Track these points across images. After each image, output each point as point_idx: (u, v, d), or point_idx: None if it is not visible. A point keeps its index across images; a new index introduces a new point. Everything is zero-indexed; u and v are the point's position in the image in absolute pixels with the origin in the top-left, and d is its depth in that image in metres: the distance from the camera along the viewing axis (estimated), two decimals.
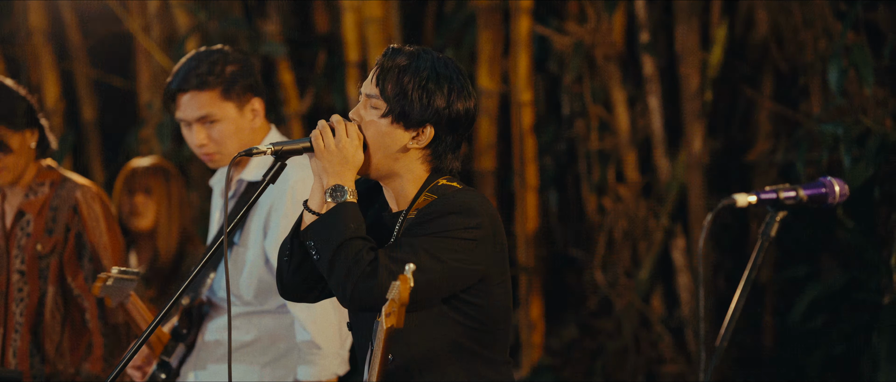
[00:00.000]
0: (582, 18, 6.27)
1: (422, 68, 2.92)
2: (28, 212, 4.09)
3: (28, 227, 4.08)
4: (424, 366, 2.91)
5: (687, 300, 5.99)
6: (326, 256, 2.85)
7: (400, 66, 2.93)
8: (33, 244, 4.06)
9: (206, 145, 3.91)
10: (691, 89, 5.84)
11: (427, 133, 2.93)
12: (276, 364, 3.97)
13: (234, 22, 6.27)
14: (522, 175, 6.18)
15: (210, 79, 3.90)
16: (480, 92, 6.30)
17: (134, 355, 2.85)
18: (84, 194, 4.09)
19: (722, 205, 2.50)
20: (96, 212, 4.08)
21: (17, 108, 4.01)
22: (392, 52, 2.97)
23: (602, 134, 6.26)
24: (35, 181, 4.11)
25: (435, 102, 2.91)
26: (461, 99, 2.95)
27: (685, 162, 5.91)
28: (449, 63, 2.97)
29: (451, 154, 2.99)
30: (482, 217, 2.90)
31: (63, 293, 4.10)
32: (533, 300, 6.23)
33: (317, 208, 2.93)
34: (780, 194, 2.60)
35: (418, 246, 2.85)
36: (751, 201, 2.53)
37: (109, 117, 7.38)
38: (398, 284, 2.67)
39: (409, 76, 2.91)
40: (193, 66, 3.94)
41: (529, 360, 6.20)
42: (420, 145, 2.94)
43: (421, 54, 2.95)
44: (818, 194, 2.63)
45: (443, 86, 2.92)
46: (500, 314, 2.98)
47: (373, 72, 2.98)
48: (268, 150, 2.91)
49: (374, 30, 6.06)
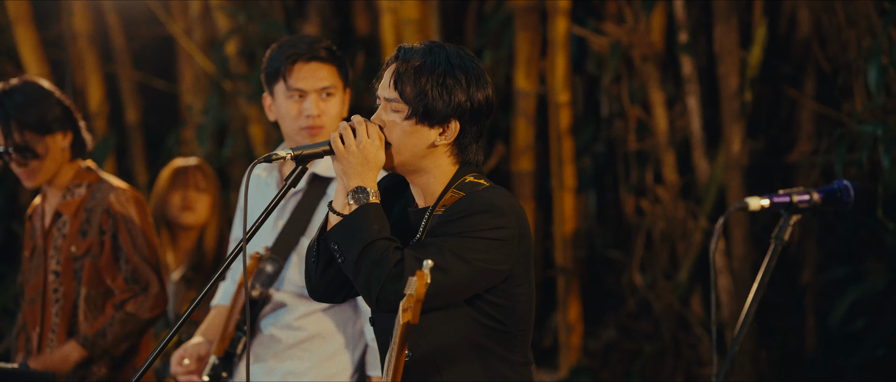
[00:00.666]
0: (621, 19, 6.24)
1: (437, 65, 2.92)
2: (64, 213, 4.14)
3: (64, 228, 4.13)
4: (442, 363, 2.91)
5: (727, 303, 5.94)
6: (351, 258, 2.86)
7: (415, 66, 2.93)
8: (68, 246, 4.10)
9: (321, 116, 3.96)
10: (730, 90, 5.79)
11: (453, 128, 2.95)
12: (332, 360, 4.01)
13: (273, 24, 6.31)
14: (560, 176, 6.16)
15: (335, 55, 4.01)
16: (518, 93, 6.29)
17: (157, 357, 2.88)
18: (118, 196, 4.12)
19: (733, 209, 2.48)
20: (131, 214, 4.11)
21: (45, 112, 4.07)
22: (404, 52, 2.97)
23: (641, 135, 6.22)
24: (73, 183, 4.16)
25: (456, 97, 2.93)
26: (480, 89, 2.96)
27: (724, 163, 5.85)
28: (462, 54, 2.98)
29: (475, 145, 3.00)
30: (509, 217, 2.90)
31: (102, 294, 4.13)
32: (571, 301, 6.20)
33: (340, 209, 2.94)
34: (794, 197, 2.57)
35: (444, 247, 2.86)
36: (763, 205, 2.50)
37: (153, 120, 7.47)
38: (415, 279, 2.67)
39: (426, 75, 2.92)
40: (316, 39, 4.04)
41: (567, 362, 6.18)
42: (447, 140, 2.95)
43: (433, 50, 2.96)
44: (833, 197, 2.59)
45: (460, 79, 2.93)
46: (521, 315, 2.97)
47: (388, 74, 2.98)
48: (288, 155, 2.93)
49: (412, 31, 6.07)
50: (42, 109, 4.06)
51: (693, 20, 6.10)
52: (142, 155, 7.32)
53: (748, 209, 2.52)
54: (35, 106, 4.07)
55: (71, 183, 4.16)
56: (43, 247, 4.17)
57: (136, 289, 4.09)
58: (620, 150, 6.30)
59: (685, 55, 6.01)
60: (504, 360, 2.95)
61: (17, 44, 6.64)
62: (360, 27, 7.02)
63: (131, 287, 4.08)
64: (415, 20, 6.08)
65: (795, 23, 6.09)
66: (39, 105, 4.07)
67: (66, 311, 4.10)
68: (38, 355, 4.12)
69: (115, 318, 4.06)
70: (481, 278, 2.89)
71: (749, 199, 2.54)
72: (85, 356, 4.06)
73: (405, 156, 2.96)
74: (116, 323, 4.06)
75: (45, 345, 4.12)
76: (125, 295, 4.07)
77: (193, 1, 6.91)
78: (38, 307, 4.13)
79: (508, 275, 2.93)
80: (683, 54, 6.02)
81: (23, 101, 4.06)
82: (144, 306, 4.09)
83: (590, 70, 6.38)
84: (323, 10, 7.01)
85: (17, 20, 6.61)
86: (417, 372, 2.91)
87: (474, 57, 3.00)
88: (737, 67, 5.81)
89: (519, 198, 6.36)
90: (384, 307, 2.88)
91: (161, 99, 7.50)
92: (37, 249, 4.19)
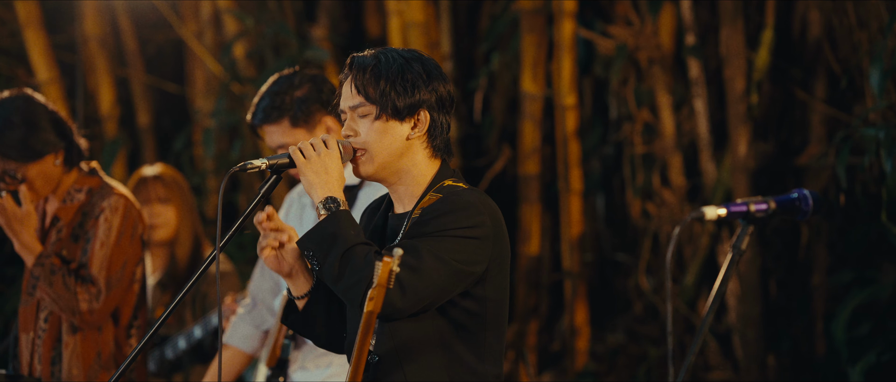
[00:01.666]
0: (629, 22, 6.22)
1: (392, 62, 2.98)
2: (62, 218, 4.11)
3: (60, 233, 4.11)
4: (406, 361, 2.92)
5: (734, 306, 5.90)
6: (330, 264, 2.86)
7: (371, 67, 2.98)
8: (60, 250, 4.07)
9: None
10: (736, 92, 5.76)
11: (423, 118, 3.00)
12: None
13: (280, 27, 6.32)
14: (567, 180, 6.14)
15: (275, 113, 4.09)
16: (524, 96, 6.28)
17: (131, 362, 2.89)
18: (110, 203, 4.08)
19: (690, 218, 2.46)
20: (112, 224, 4.06)
21: (29, 140, 3.96)
22: (357, 61, 3.01)
23: (648, 138, 6.20)
24: (73, 187, 4.12)
25: (418, 87, 2.98)
26: (439, 79, 3.01)
27: (730, 166, 5.82)
28: (413, 52, 3.03)
29: (445, 136, 3.04)
30: (484, 216, 2.93)
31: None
32: (578, 305, 6.18)
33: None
34: (751, 206, 2.55)
35: (421, 248, 2.87)
36: (720, 214, 2.48)
37: (165, 123, 7.50)
38: (380, 264, 2.68)
39: (384, 73, 2.96)
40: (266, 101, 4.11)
41: (574, 366, 6.16)
42: (421, 131, 2.99)
43: (385, 52, 3.01)
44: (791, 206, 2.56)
45: (418, 71, 2.99)
46: (491, 319, 2.97)
47: (347, 85, 3.02)
48: (263, 164, 2.96)
49: (417, 34, 6.07)
50: (25, 136, 3.96)
51: (701, 23, 6.07)
52: (153, 158, 7.34)
53: (705, 219, 2.49)
54: (17, 134, 3.96)
55: (71, 188, 4.12)
56: None
57: (89, 283, 4.01)
58: (627, 153, 6.27)
59: (692, 58, 5.98)
60: (469, 365, 2.95)
61: (28, 47, 6.69)
62: (372, 29, 7.03)
63: (87, 278, 4.01)
64: (420, 23, 6.08)
65: (807, 24, 6.04)
66: (22, 132, 3.96)
67: (55, 317, 4.07)
68: (29, 361, 4.10)
69: (69, 278, 3.96)
70: (457, 278, 2.90)
71: (705, 208, 2.52)
72: (30, 262, 3.99)
73: (383, 156, 2.98)
74: (63, 283, 3.96)
75: (34, 350, 4.08)
76: (84, 281, 4.02)
77: (204, 4, 6.94)
78: (32, 310, 4.12)
79: (481, 278, 2.93)
80: (690, 57, 5.99)
81: (4, 128, 3.96)
82: (85, 304, 3.98)
83: (597, 73, 6.36)
84: (332, 12, 7.02)
85: (28, 24, 6.66)
86: (381, 370, 2.92)
87: (427, 55, 3.06)
88: (743, 70, 5.78)
89: (525, 201, 6.35)
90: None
91: (173, 102, 7.54)
92: None
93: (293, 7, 6.80)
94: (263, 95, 4.11)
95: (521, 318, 6.42)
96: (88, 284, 4.00)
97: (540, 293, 6.47)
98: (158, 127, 7.43)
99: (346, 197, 3.96)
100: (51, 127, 4.02)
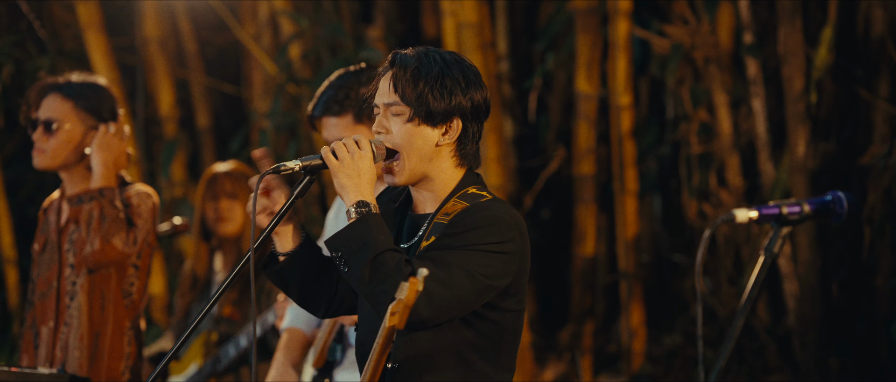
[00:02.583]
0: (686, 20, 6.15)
1: (433, 65, 2.96)
2: (73, 217, 4.14)
3: (74, 235, 4.13)
4: (424, 367, 2.92)
5: (793, 308, 5.81)
6: (358, 269, 2.86)
7: (412, 69, 2.96)
8: (83, 243, 4.10)
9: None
10: (795, 92, 5.66)
11: (455, 126, 2.98)
12: None
13: (335, 28, 6.35)
14: (622, 180, 6.09)
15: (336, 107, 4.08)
16: (579, 96, 6.24)
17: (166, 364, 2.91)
18: (137, 191, 4.14)
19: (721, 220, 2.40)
20: (150, 205, 4.13)
21: (96, 103, 4.15)
22: (400, 59, 2.99)
23: (706, 137, 6.12)
24: (87, 193, 4.13)
25: (455, 95, 2.96)
26: (477, 88, 2.99)
27: (789, 166, 5.73)
28: (456, 56, 3.01)
29: (475, 145, 3.03)
30: (514, 231, 2.93)
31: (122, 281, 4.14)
32: (634, 306, 6.13)
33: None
34: (784, 209, 2.48)
35: (452, 262, 2.87)
36: (751, 217, 2.42)
37: (224, 124, 7.58)
38: (407, 285, 2.67)
39: (424, 77, 2.95)
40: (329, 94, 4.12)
41: (630, 368, 6.10)
42: (451, 139, 2.98)
43: (428, 54, 2.99)
44: (825, 208, 2.49)
45: (458, 78, 2.97)
46: (508, 330, 2.98)
47: (385, 81, 3.00)
48: (296, 166, 2.96)
49: (470, 35, 6.06)
50: (95, 97, 4.16)
51: (760, 21, 5.98)
52: (212, 159, 7.41)
53: (736, 221, 2.44)
54: (91, 94, 4.16)
55: (83, 193, 4.15)
56: (57, 242, 4.17)
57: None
58: (683, 153, 6.20)
59: (750, 57, 5.90)
60: (484, 373, 2.96)
61: (89, 50, 6.79)
62: (428, 30, 7.03)
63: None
64: (473, 23, 6.07)
65: (870, 22, 5.93)
66: (93, 95, 4.16)
67: (85, 305, 4.10)
68: (50, 350, 4.13)
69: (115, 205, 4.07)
70: (484, 293, 2.91)
71: (736, 211, 2.46)
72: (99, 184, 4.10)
73: (413, 160, 2.97)
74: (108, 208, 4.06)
75: (57, 339, 4.12)
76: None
77: (261, 6, 6.99)
78: (52, 301, 4.14)
79: (503, 291, 2.94)
80: (748, 56, 5.90)
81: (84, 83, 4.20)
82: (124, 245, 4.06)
83: (654, 72, 6.30)
84: (388, 12, 7.04)
85: (89, 26, 6.76)
86: (399, 377, 2.92)
87: (468, 60, 3.03)
88: (802, 69, 5.68)
89: (580, 202, 6.31)
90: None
91: (232, 103, 7.61)
92: (50, 243, 4.20)
93: (349, 8, 6.82)
94: (327, 87, 4.09)
95: (577, 319, 6.38)
96: (132, 228, 4.08)
97: (596, 294, 6.42)
98: (217, 128, 7.50)
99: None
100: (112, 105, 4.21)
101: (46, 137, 4.14)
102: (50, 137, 4.14)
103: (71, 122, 4.15)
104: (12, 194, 7.29)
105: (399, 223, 3.07)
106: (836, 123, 6.04)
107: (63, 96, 4.16)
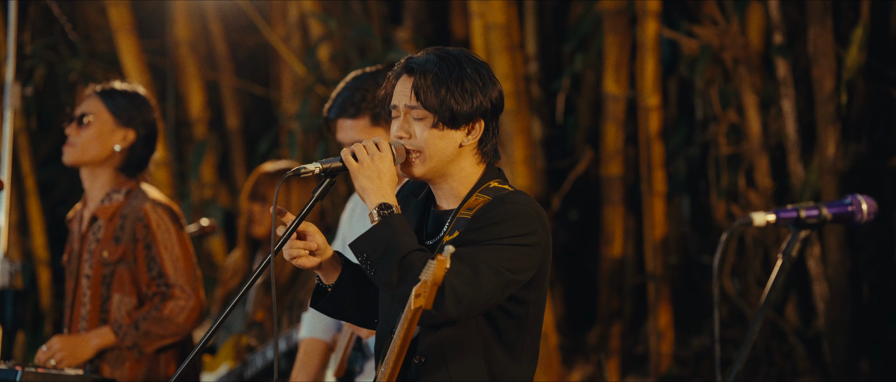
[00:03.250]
0: (715, 21, 6.12)
1: (452, 70, 2.97)
2: (100, 217, 4.19)
3: (99, 232, 4.18)
4: (450, 361, 2.94)
5: (823, 310, 5.76)
6: (385, 270, 2.88)
7: (432, 75, 2.97)
8: (101, 250, 4.15)
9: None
10: (825, 92, 5.62)
11: (478, 127, 3.01)
12: None
13: (364, 30, 6.36)
14: (650, 181, 6.07)
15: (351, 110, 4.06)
16: (607, 97, 6.22)
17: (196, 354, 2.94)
18: (153, 206, 4.16)
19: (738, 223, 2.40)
20: (166, 224, 4.15)
21: (133, 106, 4.23)
22: (417, 65, 3.00)
23: (735, 139, 6.09)
24: (113, 188, 4.22)
25: (476, 98, 2.98)
26: (493, 87, 3.02)
27: (819, 167, 5.68)
28: (470, 56, 3.03)
29: (494, 140, 3.05)
30: (537, 223, 2.95)
31: (139, 303, 4.16)
32: (661, 308, 6.10)
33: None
34: (802, 212, 2.47)
35: (478, 259, 2.88)
36: (769, 220, 2.41)
37: (254, 125, 7.61)
38: (434, 264, 2.68)
39: (444, 82, 2.96)
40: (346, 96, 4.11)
41: (657, 369, 6.08)
42: (474, 139, 3.01)
43: (444, 57, 3.00)
44: (843, 213, 2.48)
45: (476, 80, 2.99)
46: (531, 323, 3.00)
47: (403, 85, 3.01)
48: (316, 168, 2.96)
49: (498, 36, 6.05)
50: (128, 101, 4.24)
51: (789, 21, 5.94)
52: (242, 160, 7.46)
53: (753, 225, 2.43)
54: (128, 98, 4.25)
55: (111, 189, 4.22)
56: (78, 251, 4.22)
57: (171, 293, 4.11)
58: (712, 154, 6.17)
59: (780, 57, 5.86)
60: (507, 365, 2.98)
61: (120, 52, 6.84)
62: (456, 31, 7.03)
63: (167, 293, 4.11)
64: (501, 24, 6.06)
65: None
66: (130, 99, 4.25)
67: (93, 317, 4.15)
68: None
69: (150, 314, 4.09)
70: (508, 287, 2.93)
71: (754, 214, 2.45)
72: (112, 343, 4.08)
73: (435, 161, 2.99)
74: (151, 320, 4.08)
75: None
76: (163, 298, 4.11)
77: (291, 7, 7.02)
78: (69, 311, 4.20)
79: (527, 282, 2.96)
80: (778, 56, 5.87)
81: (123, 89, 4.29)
82: (181, 313, 4.10)
83: (682, 73, 6.27)
84: (417, 14, 7.05)
85: (120, 29, 6.81)
86: (424, 371, 2.94)
87: (477, 56, 3.05)
88: (832, 69, 5.64)
89: (608, 203, 6.29)
90: (425, 318, 2.90)
91: (262, 105, 7.65)
92: (73, 253, 4.25)
93: (378, 9, 6.84)
94: (343, 88, 4.07)
95: (605, 321, 6.36)
96: (170, 295, 4.11)
97: (623, 295, 6.40)
98: (247, 130, 7.54)
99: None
100: (149, 120, 4.28)
101: (78, 130, 4.21)
102: (81, 129, 4.20)
103: (102, 118, 4.20)
104: (45, 197, 7.36)
105: (421, 219, 3.08)
106: (866, 123, 5.99)
107: (99, 97, 4.25)
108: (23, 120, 6.93)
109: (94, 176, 4.24)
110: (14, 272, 5.40)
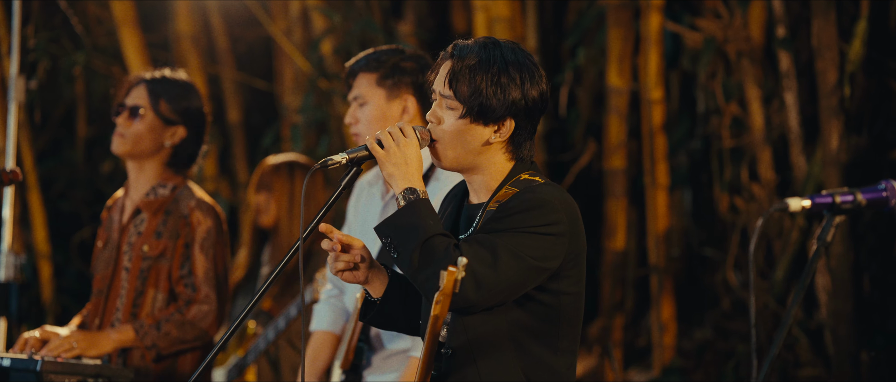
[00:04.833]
0: (718, 14, 6.15)
1: (492, 63, 2.94)
2: (144, 211, 4.16)
3: (141, 225, 4.15)
4: (479, 351, 2.92)
5: (826, 302, 5.80)
6: (408, 254, 2.88)
7: (470, 64, 2.94)
8: (141, 244, 4.12)
9: (355, 124, 4.17)
10: (828, 85, 5.65)
11: (508, 126, 2.97)
12: None
13: (368, 24, 6.37)
14: (653, 174, 6.10)
15: (373, 64, 4.11)
16: (610, 90, 6.25)
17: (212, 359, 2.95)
18: (199, 205, 4.14)
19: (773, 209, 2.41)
20: (207, 226, 4.13)
21: (184, 103, 4.18)
22: (459, 50, 2.98)
23: (737, 131, 6.12)
24: (159, 182, 4.19)
25: (511, 95, 2.94)
26: (535, 85, 2.97)
27: (821, 160, 5.72)
28: (517, 50, 2.98)
29: (529, 142, 3.01)
30: (561, 213, 2.92)
31: (168, 300, 4.15)
32: (664, 300, 6.13)
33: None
34: (837, 198, 2.49)
35: (498, 244, 2.87)
36: (805, 206, 2.43)
37: (255, 119, 7.62)
38: (444, 274, 2.70)
39: (480, 74, 2.93)
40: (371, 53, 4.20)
41: (660, 361, 6.11)
42: (502, 138, 2.98)
43: (488, 47, 2.96)
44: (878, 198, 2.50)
45: (515, 77, 2.94)
46: (566, 315, 2.97)
47: (443, 70, 2.99)
48: (343, 159, 2.97)
49: (502, 29, 6.07)
50: (181, 96, 4.19)
51: (792, 14, 5.97)
52: (243, 155, 7.47)
53: (789, 210, 2.45)
54: (181, 92, 4.20)
55: (157, 183, 4.19)
56: (117, 241, 4.18)
57: (196, 297, 4.08)
58: (715, 147, 6.20)
59: (782, 50, 5.89)
60: (542, 357, 2.95)
61: (123, 46, 6.84)
62: (458, 24, 7.05)
63: (194, 296, 4.09)
64: (505, 18, 6.08)
65: None
66: (183, 93, 4.20)
67: (127, 309, 4.12)
68: None
69: (173, 316, 4.07)
70: (532, 274, 2.90)
71: (790, 200, 2.46)
72: (131, 341, 4.05)
73: (457, 151, 2.97)
74: (173, 323, 4.06)
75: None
76: (189, 302, 4.09)
77: (293, 2, 7.02)
78: (102, 300, 4.17)
79: (556, 273, 2.93)
80: (781, 49, 5.90)
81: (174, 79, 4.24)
82: (206, 318, 4.08)
83: (685, 66, 6.30)
84: (419, 8, 7.06)
85: (123, 23, 6.82)
86: (454, 363, 2.93)
87: (529, 54, 3.00)
88: (835, 62, 5.67)
89: (611, 196, 6.32)
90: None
91: (263, 99, 7.65)
92: (110, 241, 4.21)
93: (380, 3, 6.85)
94: (374, 50, 4.18)
95: (607, 313, 6.39)
96: (195, 299, 4.09)
97: (626, 288, 6.43)
98: (249, 124, 7.55)
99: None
100: (200, 115, 4.24)
101: (130, 122, 4.16)
102: (133, 122, 4.16)
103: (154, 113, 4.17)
104: (45, 190, 7.36)
105: (456, 214, 3.08)
106: (868, 116, 6.03)
107: (149, 88, 4.19)
108: (25, 114, 6.92)
109: (141, 168, 4.20)
110: (18, 266, 5.41)
